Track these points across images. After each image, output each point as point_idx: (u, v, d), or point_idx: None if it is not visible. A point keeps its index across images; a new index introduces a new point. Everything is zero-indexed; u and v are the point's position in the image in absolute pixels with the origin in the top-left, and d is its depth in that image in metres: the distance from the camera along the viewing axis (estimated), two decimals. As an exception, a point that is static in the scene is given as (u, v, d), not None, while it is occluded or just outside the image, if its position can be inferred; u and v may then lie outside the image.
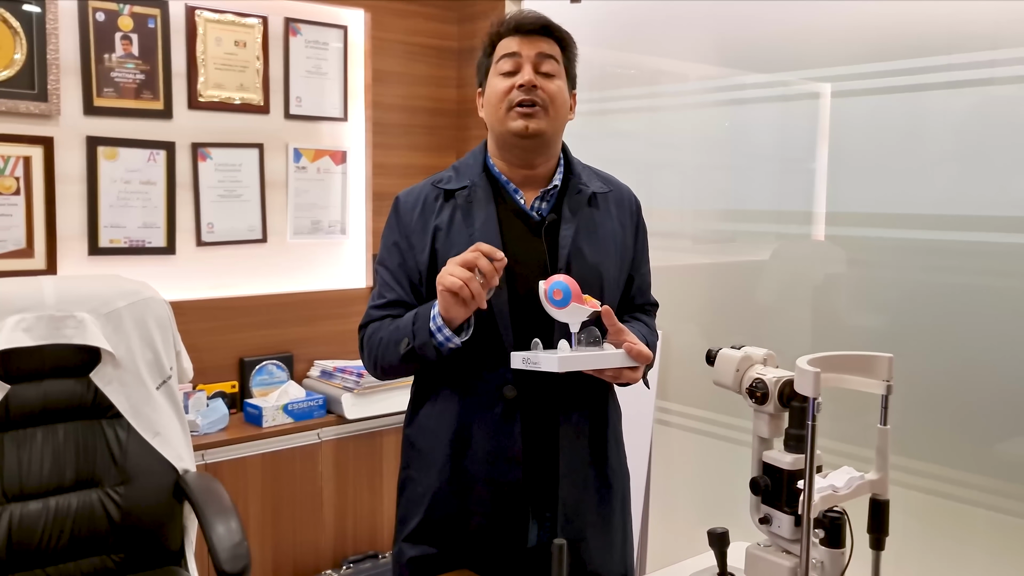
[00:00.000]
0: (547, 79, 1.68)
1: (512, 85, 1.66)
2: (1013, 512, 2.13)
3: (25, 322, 2.11)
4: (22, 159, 2.65)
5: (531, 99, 1.65)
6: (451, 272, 1.51)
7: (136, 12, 2.84)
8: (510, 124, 1.66)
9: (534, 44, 1.68)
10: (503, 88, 1.67)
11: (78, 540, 2.12)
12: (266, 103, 3.16)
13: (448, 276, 1.51)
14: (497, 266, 1.51)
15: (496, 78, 1.70)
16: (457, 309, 1.53)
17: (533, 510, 1.70)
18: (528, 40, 1.68)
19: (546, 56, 1.68)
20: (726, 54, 2.81)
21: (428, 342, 1.59)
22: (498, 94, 1.68)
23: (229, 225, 3.09)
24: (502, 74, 1.68)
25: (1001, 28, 2.12)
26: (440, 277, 1.52)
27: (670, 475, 2.92)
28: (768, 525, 1.42)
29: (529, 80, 1.65)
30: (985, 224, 2.18)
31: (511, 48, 1.68)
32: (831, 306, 2.55)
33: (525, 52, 1.67)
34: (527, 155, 1.71)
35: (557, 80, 1.69)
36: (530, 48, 1.67)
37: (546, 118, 1.67)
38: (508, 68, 1.68)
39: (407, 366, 1.69)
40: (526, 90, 1.65)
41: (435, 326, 1.58)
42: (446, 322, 1.57)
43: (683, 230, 2.96)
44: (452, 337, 1.58)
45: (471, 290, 1.49)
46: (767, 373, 1.45)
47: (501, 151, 1.73)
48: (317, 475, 2.98)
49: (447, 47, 3.56)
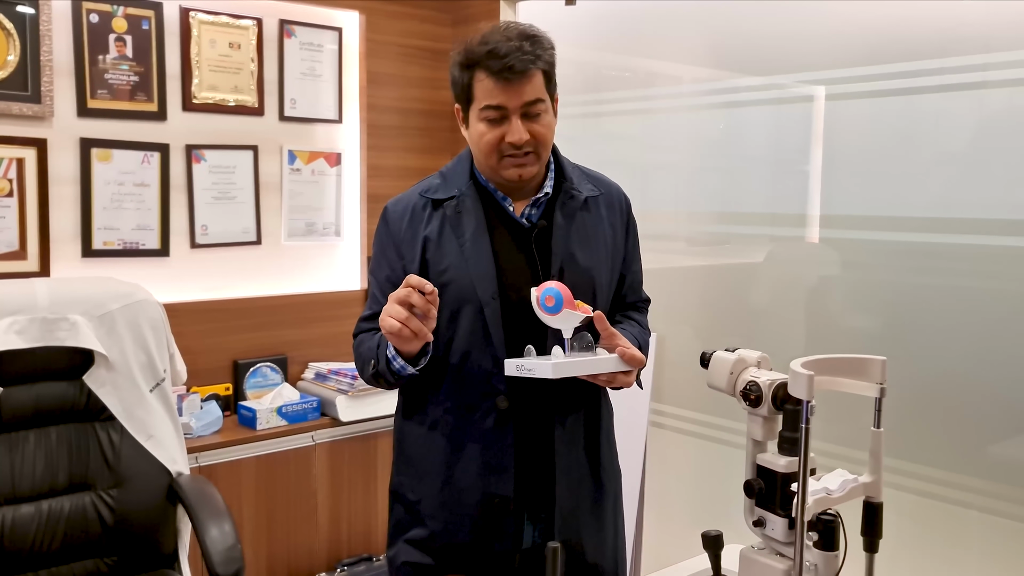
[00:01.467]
0: (534, 122, 1.61)
1: (501, 137, 1.60)
2: (1006, 514, 2.14)
3: (18, 324, 2.10)
4: (15, 161, 2.64)
5: (523, 151, 1.61)
6: (389, 313, 1.50)
7: (130, 14, 2.83)
8: (503, 173, 1.64)
9: (519, 92, 1.58)
10: (491, 140, 1.61)
11: (71, 543, 2.12)
12: (260, 105, 3.15)
13: (387, 318, 1.50)
14: (430, 299, 1.49)
15: (481, 123, 1.62)
16: (405, 345, 1.54)
17: (528, 513, 1.71)
18: (512, 88, 1.57)
19: (534, 102, 1.60)
20: (720, 57, 2.82)
21: (386, 369, 1.62)
22: (487, 145, 1.61)
23: (223, 227, 3.09)
24: (487, 121, 1.61)
25: (994, 31, 2.13)
26: (380, 319, 1.52)
27: (664, 477, 2.92)
28: (762, 528, 1.42)
29: (520, 140, 1.59)
30: (978, 227, 2.18)
31: (495, 100, 1.58)
32: (825, 308, 2.56)
33: (512, 104, 1.58)
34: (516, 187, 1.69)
35: (545, 116, 1.63)
36: (516, 98, 1.58)
37: (538, 161, 1.64)
38: (493, 116, 1.60)
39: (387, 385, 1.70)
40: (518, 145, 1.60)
41: (391, 354, 1.60)
42: (400, 354, 1.59)
43: (677, 232, 2.96)
44: (406, 367, 1.60)
45: (411, 328, 1.49)
46: (761, 376, 1.45)
47: (488, 176, 1.71)
48: (311, 478, 2.98)
49: (442, 49, 3.56)
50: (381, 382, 1.69)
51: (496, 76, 1.57)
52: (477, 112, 1.62)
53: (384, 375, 1.64)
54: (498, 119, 1.60)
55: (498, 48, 1.57)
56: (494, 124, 1.60)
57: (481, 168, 1.70)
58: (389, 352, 1.60)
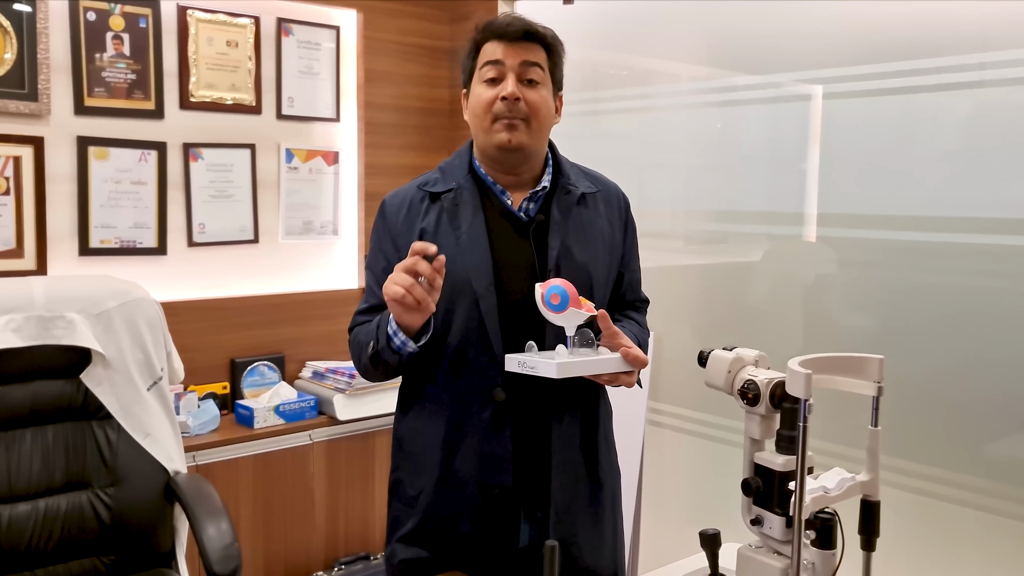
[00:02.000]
0: (531, 88, 1.66)
1: (496, 96, 1.64)
2: (1003, 512, 2.14)
3: (14, 323, 2.10)
4: (12, 159, 2.63)
5: (514, 112, 1.64)
6: (394, 280, 1.50)
7: (127, 12, 2.83)
8: (493, 137, 1.66)
9: (518, 52, 1.66)
10: (487, 99, 1.66)
11: (68, 542, 2.12)
12: (258, 103, 3.15)
13: (391, 285, 1.50)
14: (436, 265, 1.50)
15: (480, 86, 1.68)
16: (408, 316, 1.53)
17: (525, 511, 1.70)
18: (512, 47, 1.66)
19: (530, 64, 1.66)
20: (718, 55, 2.82)
21: (387, 347, 1.60)
22: (482, 104, 1.66)
23: (220, 225, 3.08)
24: (485, 81, 1.67)
25: (991, 30, 2.13)
26: (384, 287, 1.52)
27: (662, 476, 2.92)
28: (759, 526, 1.42)
29: (512, 93, 1.63)
30: (976, 226, 2.19)
31: (495, 55, 1.66)
32: (822, 307, 2.56)
33: (509, 61, 1.65)
34: (509, 165, 1.71)
35: (541, 89, 1.68)
36: (514, 56, 1.65)
37: (527, 131, 1.66)
38: (491, 75, 1.66)
39: (385, 369, 1.68)
40: (509, 104, 1.63)
41: (391, 330, 1.59)
42: (402, 328, 1.58)
43: (675, 231, 2.96)
44: (407, 343, 1.58)
45: (415, 296, 1.49)
46: (759, 374, 1.45)
47: (484, 158, 1.73)
48: (309, 476, 2.98)
49: (439, 47, 3.56)
50: (379, 369, 1.67)
51: (499, 36, 1.67)
52: (478, 76, 1.68)
53: (384, 355, 1.61)
54: (496, 78, 1.66)
55: (503, 19, 1.70)
56: (492, 84, 1.66)
57: (475, 134, 1.71)
58: (390, 328, 1.58)
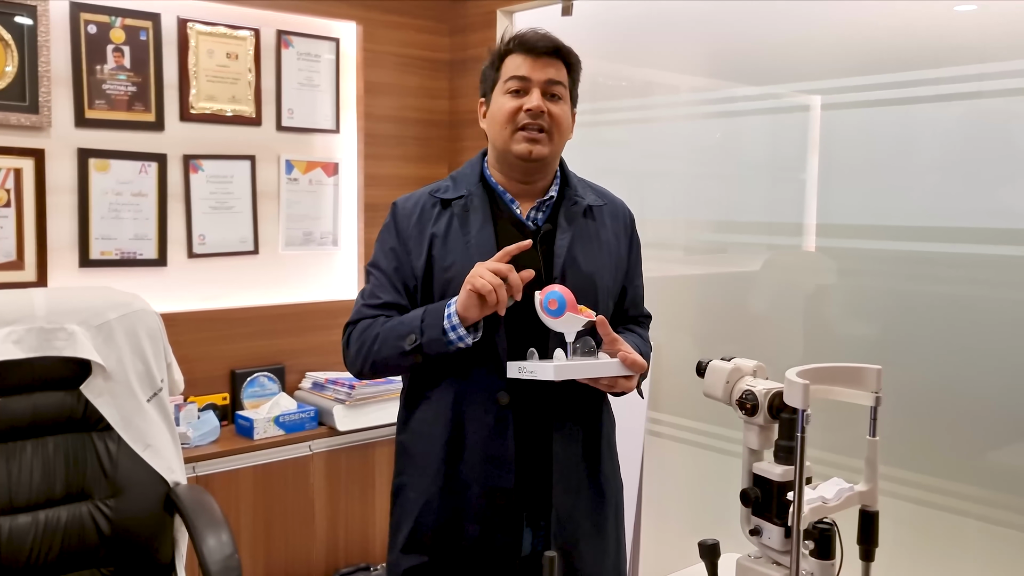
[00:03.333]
0: (554, 103, 1.69)
1: (519, 107, 1.67)
2: (1003, 522, 2.14)
3: (15, 334, 2.10)
4: (13, 171, 2.64)
5: (538, 124, 1.67)
6: (482, 275, 1.55)
7: (128, 24, 2.84)
8: (514, 147, 1.68)
9: (544, 68, 1.69)
10: (510, 109, 1.68)
11: (68, 553, 2.11)
12: (258, 115, 3.16)
13: (479, 279, 1.55)
14: (524, 275, 1.57)
15: (503, 96, 1.70)
16: (476, 310, 1.57)
17: (527, 518, 1.71)
18: (539, 63, 1.69)
19: (555, 82, 1.69)
20: (717, 66, 2.83)
21: (439, 339, 1.61)
22: (505, 114, 1.69)
23: (221, 237, 3.09)
24: (509, 93, 1.69)
25: (989, 41, 2.14)
26: (470, 277, 1.56)
27: (662, 486, 2.92)
28: (758, 536, 1.42)
29: (538, 106, 1.66)
30: (974, 236, 2.19)
31: (521, 70, 1.68)
32: (822, 316, 2.56)
33: (535, 76, 1.68)
34: (527, 175, 1.74)
35: (563, 104, 1.72)
36: (541, 72, 1.68)
37: (550, 143, 1.69)
38: (516, 87, 1.69)
39: (399, 365, 1.69)
40: (534, 115, 1.66)
41: (449, 324, 1.60)
42: (461, 320, 1.60)
43: (675, 241, 2.97)
44: (465, 336, 1.61)
45: (498, 296, 1.54)
46: (757, 385, 1.46)
47: (501, 166, 1.75)
48: (309, 487, 2.97)
49: (439, 59, 3.57)
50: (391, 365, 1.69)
51: (525, 52, 1.69)
52: (502, 87, 1.71)
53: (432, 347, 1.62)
54: (520, 91, 1.68)
55: (530, 35, 1.72)
56: (515, 96, 1.69)
57: (495, 142, 1.74)
58: (448, 322, 1.60)
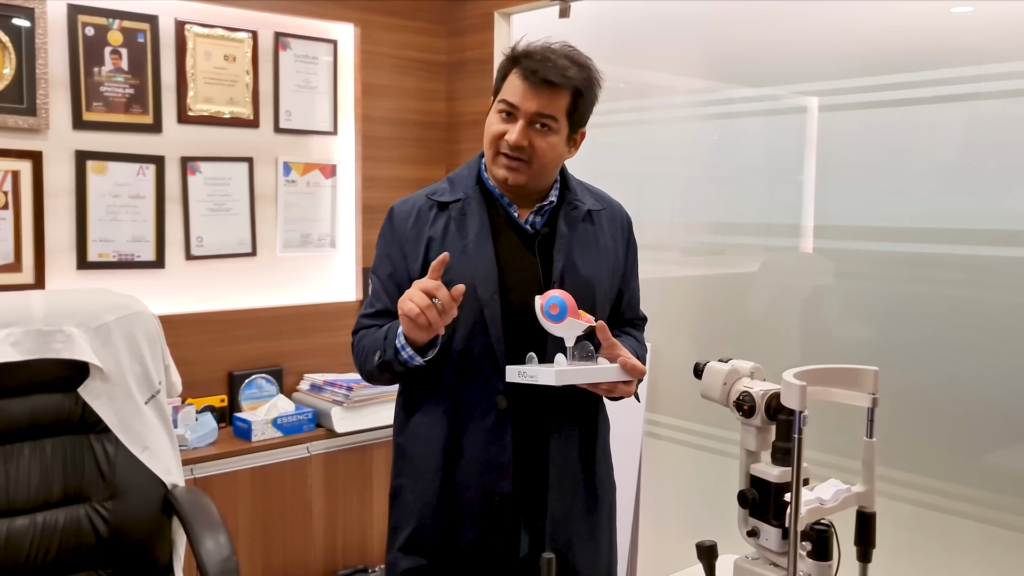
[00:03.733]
0: (541, 133, 1.66)
1: (503, 133, 1.66)
2: (1000, 523, 2.14)
3: (13, 337, 2.10)
4: (10, 173, 2.64)
5: (516, 156, 1.65)
6: (411, 297, 1.53)
7: (125, 27, 2.84)
8: (495, 170, 1.70)
9: (536, 98, 1.63)
10: (495, 133, 1.68)
11: (66, 556, 2.11)
12: (256, 117, 3.16)
13: (407, 302, 1.53)
14: (454, 294, 1.53)
15: (495, 114, 1.69)
16: (417, 333, 1.56)
17: (525, 520, 1.71)
18: (532, 92, 1.63)
19: (544, 115, 1.64)
20: (715, 68, 2.83)
21: (394, 358, 1.63)
22: (490, 135, 1.69)
23: (218, 239, 3.09)
24: (500, 113, 1.68)
25: (987, 43, 2.14)
26: (400, 301, 1.55)
27: (659, 487, 2.92)
28: (756, 538, 1.42)
29: (517, 141, 1.63)
30: (971, 237, 2.19)
31: (513, 97, 1.65)
32: (819, 318, 2.56)
33: (524, 107, 1.63)
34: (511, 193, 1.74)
35: (551, 136, 1.67)
36: (531, 103, 1.63)
37: (528, 172, 1.67)
38: (506, 110, 1.66)
39: (390, 376, 1.71)
40: (514, 147, 1.65)
41: (400, 344, 1.61)
42: (409, 342, 1.60)
43: (672, 242, 2.97)
44: (415, 357, 1.61)
45: (428, 318, 1.51)
46: (754, 386, 1.46)
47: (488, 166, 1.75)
48: (307, 489, 2.97)
49: (437, 61, 3.57)
50: (384, 375, 1.70)
51: (523, 77, 1.64)
52: (497, 102, 1.69)
53: (391, 365, 1.64)
54: (508, 116, 1.66)
55: (538, 54, 1.65)
56: (504, 120, 1.67)
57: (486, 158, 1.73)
58: (399, 342, 1.61)
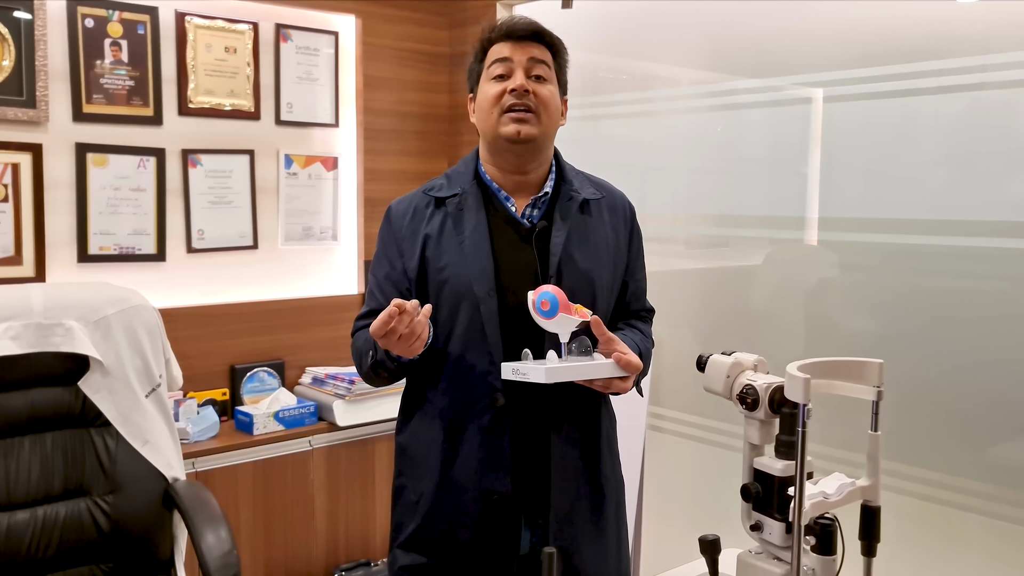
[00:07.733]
0: (539, 83, 1.68)
1: (504, 90, 1.66)
2: (1006, 517, 2.13)
3: (13, 330, 2.10)
4: (10, 166, 2.63)
5: (524, 104, 1.66)
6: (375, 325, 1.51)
7: (125, 18, 2.83)
8: (502, 129, 1.67)
9: (526, 49, 1.68)
10: (495, 93, 1.67)
11: (66, 550, 2.11)
12: (257, 109, 3.14)
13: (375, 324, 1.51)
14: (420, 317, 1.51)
15: (488, 83, 1.70)
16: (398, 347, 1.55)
17: (526, 517, 1.70)
18: (520, 45, 1.68)
19: (538, 61, 1.69)
20: (718, 59, 2.81)
21: (386, 356, 1.65)
22: (490, 99, 1.68)
23: (220, 232, 3.08)
24: (493, 78, 1.69)
25: (992, 33, 2.13)
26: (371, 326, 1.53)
27: (663, 481, 2.91)
28: (759, 532, 1.41)
29: (521, 85, 1.65)
30: (977, 228, 2.18)
31: (503, 53, 1.69)
32: (824, 310, 2.55)
33: (517, 57, 1.67)
34: (519, 160, 1.71)
35: (549, 85, 1.70)
36: (522, 53, 1.68)
37: (538, 123, 1.67)
38: (500, 72, 1.68)
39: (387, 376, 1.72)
40: (518, 95, 1.65)
41: None
42: None
43: (676, 235, 2.96)
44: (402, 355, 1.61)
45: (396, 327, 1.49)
46: (757, 379, 1.45)
47: (493, 156, 1.73)
48: (308, 483, 2.97)
49: (438, 52, 3.56)
50: (381, 374, 1.71)
51: (506, 36, 1.70)
52: (486, 75, 1.71)
53: (383, 363, 1.67)
54: (504, 74, 1.68)
55: (509, 22, 1.72)
56: (500, 80, 1.68)
57: (484, 131, 1.72)
58: None
